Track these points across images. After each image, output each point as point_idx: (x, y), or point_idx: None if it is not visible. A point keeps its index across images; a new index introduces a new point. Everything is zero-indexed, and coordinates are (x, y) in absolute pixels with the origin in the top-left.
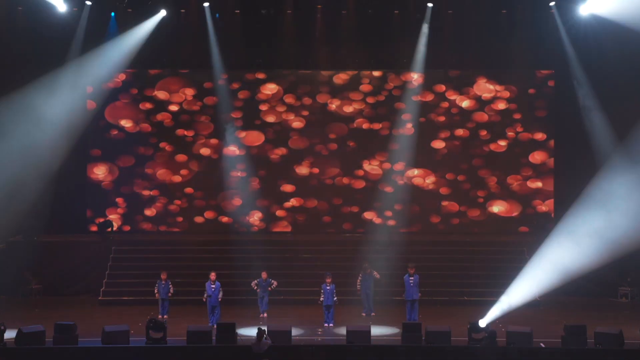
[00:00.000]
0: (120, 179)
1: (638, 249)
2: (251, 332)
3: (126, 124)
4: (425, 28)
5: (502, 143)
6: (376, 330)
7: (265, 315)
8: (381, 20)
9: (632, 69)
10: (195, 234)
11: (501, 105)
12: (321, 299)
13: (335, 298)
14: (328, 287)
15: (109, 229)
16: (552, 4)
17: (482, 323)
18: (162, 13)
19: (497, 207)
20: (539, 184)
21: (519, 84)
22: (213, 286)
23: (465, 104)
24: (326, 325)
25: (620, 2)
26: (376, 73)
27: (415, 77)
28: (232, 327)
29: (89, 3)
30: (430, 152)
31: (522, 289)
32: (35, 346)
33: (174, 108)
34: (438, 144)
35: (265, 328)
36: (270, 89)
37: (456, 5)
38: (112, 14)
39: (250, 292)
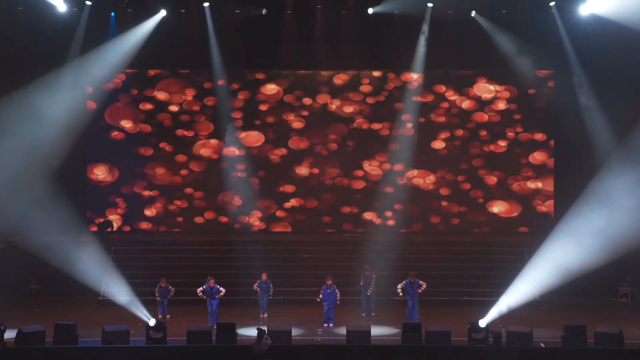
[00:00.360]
0: (120, 179)
1: (638, 248)
2: (251, 332)
3: (126, 124)
4: (425, 28)
5: (502, 143)
6: (376, 330)
7: (265, 315)
8: (381, 20)
9: (632, 69)
10: (195, 234)
11: (501, 106)
12: (319, 298)
13: (338, 299)
14: (329, 290)
15: (109, 229)
16: (552, 4)
17: (482, 323)
18: (162, 13)
19: (497, 208)
20: (539, 184)
21: (519, 84)
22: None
23: (465, 104)
24: (326, 325)
25: (620, 2)
26: (376, 73)
27: (415, 78)
28: (232, 327)
29: (89, 3)
30: (430, 152)
31: (522, 289)
32: (35, 346)
33: (174, 108)
34: (438, 144)
35: (265, 328)
36: (270, 89)
37: (456, 5)
38: (112, 14)
39: (250, 292)
